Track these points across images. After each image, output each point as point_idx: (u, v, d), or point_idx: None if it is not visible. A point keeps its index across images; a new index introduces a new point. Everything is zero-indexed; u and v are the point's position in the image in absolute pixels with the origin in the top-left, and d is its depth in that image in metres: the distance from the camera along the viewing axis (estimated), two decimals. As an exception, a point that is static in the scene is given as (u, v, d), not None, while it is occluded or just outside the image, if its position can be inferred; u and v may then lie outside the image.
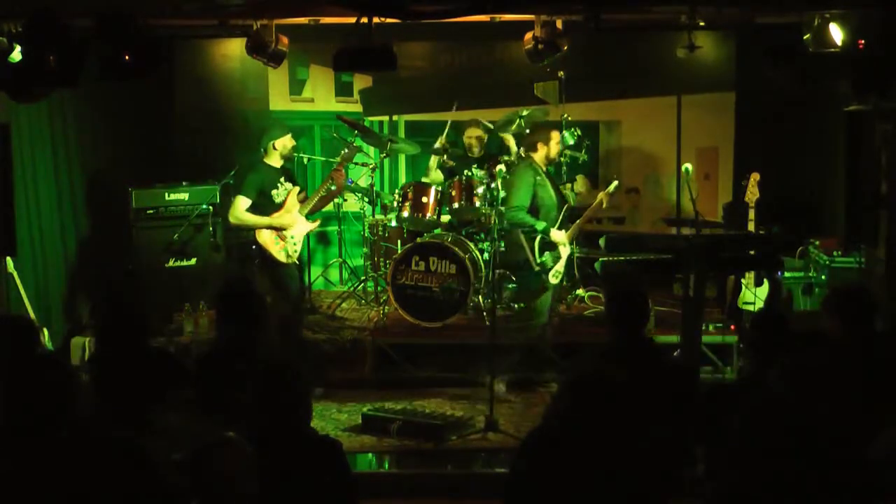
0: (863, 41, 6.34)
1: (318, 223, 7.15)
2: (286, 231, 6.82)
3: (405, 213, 7.68)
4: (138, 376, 4.43)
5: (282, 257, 6.77)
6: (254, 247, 6.90)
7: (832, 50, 6.41)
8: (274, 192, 6.83)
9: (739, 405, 3.39)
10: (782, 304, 7.10)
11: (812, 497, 3.17)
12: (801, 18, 6.57)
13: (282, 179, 6.85)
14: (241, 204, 6.74)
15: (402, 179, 9.35)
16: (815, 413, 3.43)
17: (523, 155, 7.11)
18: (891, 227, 6.85)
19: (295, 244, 6.83)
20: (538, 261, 6.76)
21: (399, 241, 7.95)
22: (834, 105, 7.62)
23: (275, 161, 6.85)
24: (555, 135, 6.99)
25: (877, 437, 3.50)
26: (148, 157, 8.23)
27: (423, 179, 8.25)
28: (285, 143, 6.90)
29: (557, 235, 6.77)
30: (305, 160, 8.47)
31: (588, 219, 7.11)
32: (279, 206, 6.84)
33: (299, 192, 6.91)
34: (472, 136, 8.25)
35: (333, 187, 7.04)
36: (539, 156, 6.91)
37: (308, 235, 8.19)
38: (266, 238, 6.76)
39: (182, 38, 8.41)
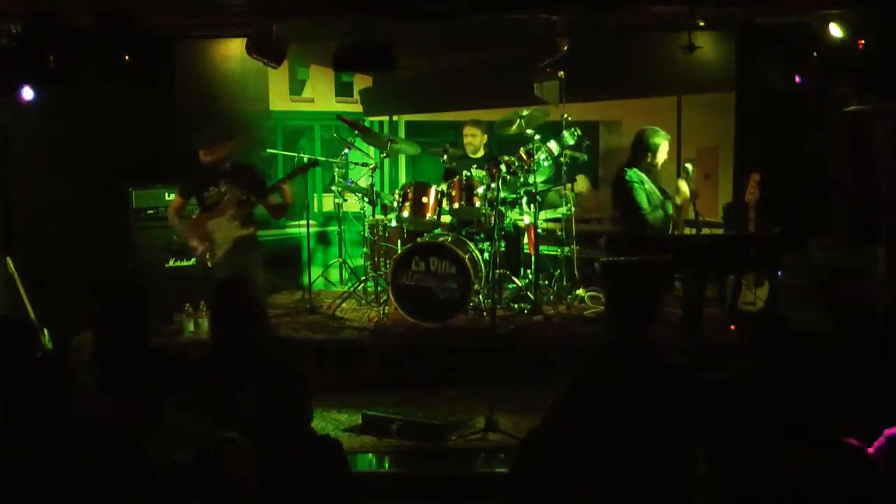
0: (863, 41, 6.35)
1: (252, 229, 6.92)
2: (212, 234, 6.77)
3: (405, 213, 7.68)
4: (138, 376, 4.43)
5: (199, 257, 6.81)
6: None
7: (832, 50, 6.42)
8: (205, 193, 6.80)
9: (739, 405, 3.39)
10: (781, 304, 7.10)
11: (811, 496, 3.17)
12: (801, 18, 6.58)
13: (221, 182, 6.75)
14: (172, 203, 6.97)
15: (402, 179, 9.35)
16: (815, 413, 3.43)
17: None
18: (891, 227, 6.85)
19: (217, 247, 6.74)
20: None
21: (399, 241, 7.95)
22: (834, 105, 7.62)
23: (207, 162, 6.78)
24: (664, 146, 7.50)
25: (876, 438, 3.50)
26: (148, 157, 8.22)
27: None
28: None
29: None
30: (305, 160, 8.46)
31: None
32: (210, 208, 6.80)
33: (244, 197, 6.77)
34: (468, 134, 8.27)
35: (280, 200, 6.93)
36: (645, 164, 7.46)
37: (308, 236, 8.25)
38: (191, 240, 6.76)
39: (182, 38, 8.40)
